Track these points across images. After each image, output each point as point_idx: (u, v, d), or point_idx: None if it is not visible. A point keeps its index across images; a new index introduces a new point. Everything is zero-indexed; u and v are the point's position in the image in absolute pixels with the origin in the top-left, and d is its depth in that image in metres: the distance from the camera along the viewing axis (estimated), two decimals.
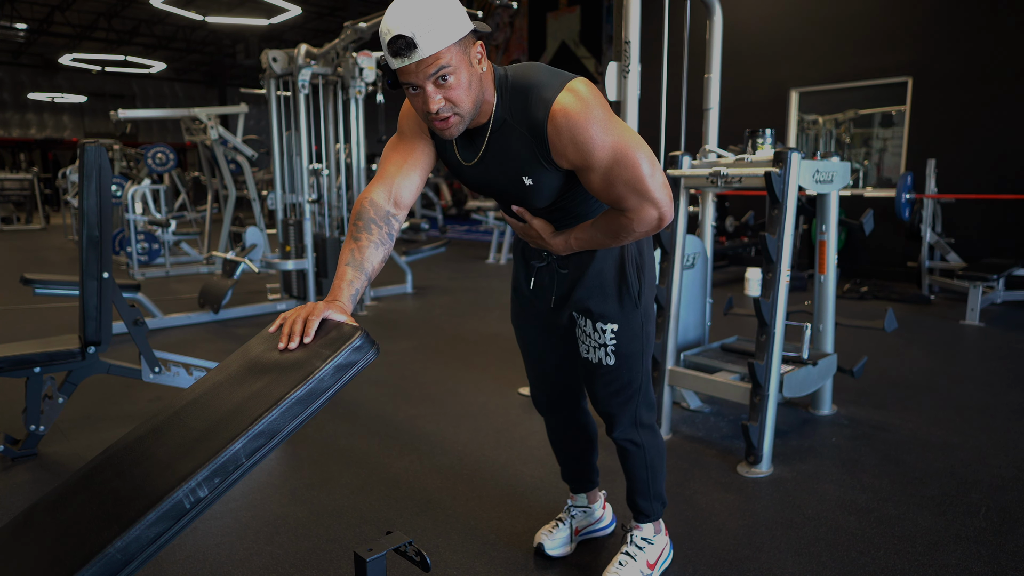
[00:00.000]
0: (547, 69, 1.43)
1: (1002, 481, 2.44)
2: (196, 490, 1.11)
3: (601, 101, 1.38)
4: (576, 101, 1.35)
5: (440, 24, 1.24)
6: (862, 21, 7.04)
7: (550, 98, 1.36)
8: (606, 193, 1.43)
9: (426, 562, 1.39)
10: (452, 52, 1.27)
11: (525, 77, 1.41)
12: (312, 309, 1.31)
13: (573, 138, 1.36)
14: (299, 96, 5.40)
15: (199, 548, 2.06)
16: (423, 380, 3.71)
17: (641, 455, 1.81)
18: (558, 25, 11.78)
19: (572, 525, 2.02)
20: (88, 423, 3.10)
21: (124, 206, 7.41)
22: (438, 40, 1.25)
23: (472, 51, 1.33)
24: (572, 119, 1.34)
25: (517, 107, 1.40)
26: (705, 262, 3.20)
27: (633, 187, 1.39)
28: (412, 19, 1.23)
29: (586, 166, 1.39)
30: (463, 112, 1.34)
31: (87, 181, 2.50)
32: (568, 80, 1.38)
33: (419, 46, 1.24)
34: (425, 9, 1.24)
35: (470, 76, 1.32)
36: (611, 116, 1.38)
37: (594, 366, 1.71)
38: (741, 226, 7.39)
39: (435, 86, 1.30)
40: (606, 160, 1.37)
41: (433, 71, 1.27)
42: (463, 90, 1.31)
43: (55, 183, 15.75)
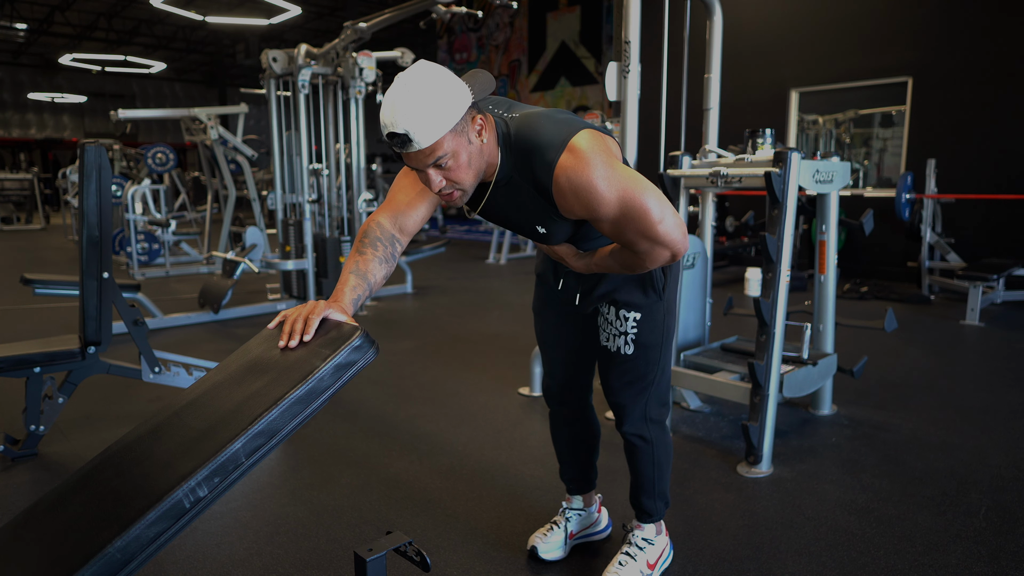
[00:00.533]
0: (549, 122, 1.43)
1: (1002, 481, 2.44)
2: (196, 490, 1.11)
3: (603, 155, 1.39)
4: (578, 161, 1.37)
5: (433, 118, 1.28)
6: (862, 21, 7.04)
7: (552, 161, 1.39)
8: (617, 238, 1.48)
9: (426, 562, 1.40)
10: (448, 140, 1.32)
11: (528, 136, 1.42)
12: (313, 308, 1.34)
13: (578, 198, 1.39)
14: (299, 96, 5.40)
15: (199, 548, 2.06)
16: (423, 380, 3.72)
17: (649, 452, 1.82)
18: (558, 25, 11.79)
19: (567, 528, 2.01)
20: (88, 423, 3.10)
21: (124, 206, 7.41)
22: (432, 133, 1.29)
23: (471, 129, 1.37)
24: (574, 181, 1.38)
25: (522, 166, 1.44)
26: (705, 262, 3.20)
27: (643, 234, 1.43)
28: (405, 117, 1.28)
29: (595, 218, 1.43)
30: (465, 187, 1.41)
31: (87, 181, 2.50)
32: (570, 136, 1.40)
33: (414, 140, 1.30)
34: (417, 106, 1.28)
35: (469, 154, 1.37)
36: (614, 168, 1.39)
37: (612, 354, 1.74)
38: (741, 226, 7.39)
39: (435, 169, 1.36)
40: (613, 213, 1.41)
41: (431, 161, 1.33)
42: (463, 170, 1.37)
43: (55, 183, 15.75)
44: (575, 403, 1.94)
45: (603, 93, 9.49)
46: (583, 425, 1.97)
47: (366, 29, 5.06)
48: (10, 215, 14.16)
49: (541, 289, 1.87)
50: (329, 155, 5.88)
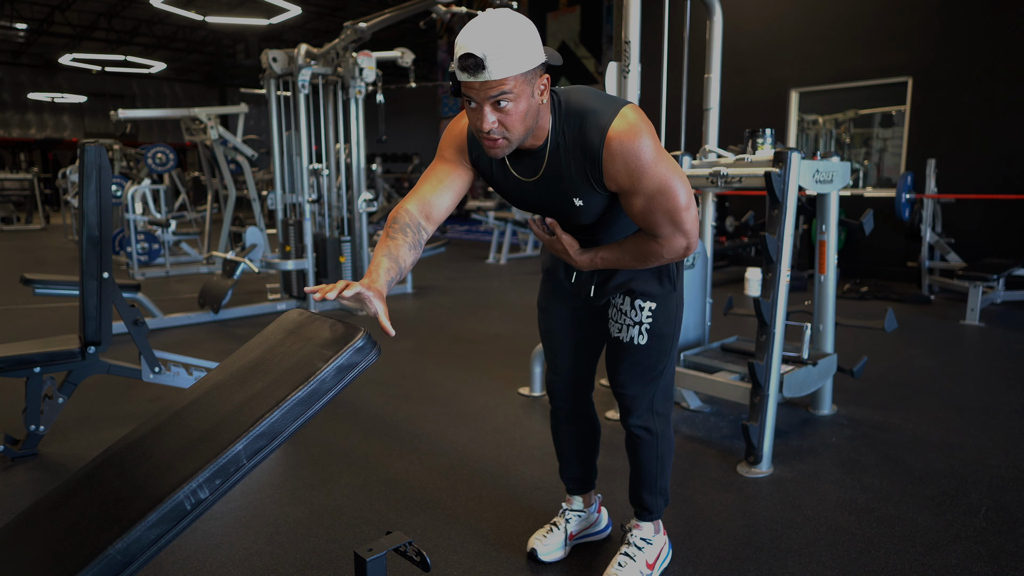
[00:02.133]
0: (597, 94, 1.48)
1: (1002, 481, 2.44)
2: (197, 491, 1.11)
3: (651, 129, 1.44)
4: (630, 128, 1.41)
5: (512, 52, 1.30)
6: (862, 21, 7.04)
7: (606, 124, 1.42)
8: (644, 218, 1.50)
9: (426, 562, 1.40)
10: (516, 81, 1.33)
11: (579, 103, 1.46)
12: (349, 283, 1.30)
13: (627, 164, 1.42)
14: (299, 96, 5.41)
15: (199, 548, 2.06)
16: (423, 380, 3.72)
17: (654, 444, 1.83)
18: (558, 25, 11.78)
19: (567, 530, 2.00)
20: (88, 423, 3.10)
21: (124, 206, 7.41)
22: (506, 67, 1.31)
23: (537, 83, 1.38)
24: (626, 145, 1.41)
25: (571, 132, 1.46)
26: (705, 262, 3.20)
27: (670, 217, 1.48)
28: (487, 41, 1.29)
29: (633, 191, 1.46)
30: (512, 137, 1.41)
31: (87, 181, 2.50)
32: (620, 107, 1.44)
33: (487, 68, 1.30)
34: (502, 35, 1.30)
35: (528, 106, 1.38)
36: (659, 145, 1.45)
37: (624, 345, 1.75)
38: (741, 226, 7.39)
39: (492, 107, 1.36)
40: (652, 188, 1.44)
41: (494, 94, 1.34)
42: (518, 118, 1.38)
43: (55, 183, 15.75)
44: (578, 399, 1.95)
45: None
46: (585, 423, 1.97)
47: (366, 29, 5.06)
48: (10, 215, 14.15)
49: (548, 284, 1.88)
50: (329, 155, 5.88)
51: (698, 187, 2.93)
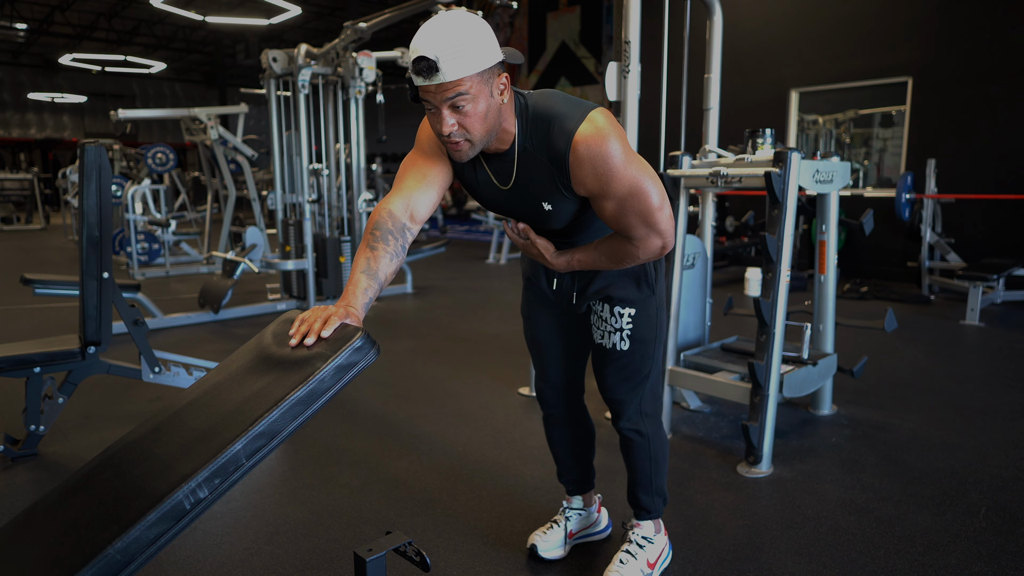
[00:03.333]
0: (565, 98, 1.46)
1: (1002, 481, 2.44)
2: (196, 491, 1.11)
3: (620, 132, 1.42)
4: (597, 132, 1.39)
5: (466, 52, 1.28)
6: (862, 21, 7.04)
7: (572, 129, 1.39)
8: (617, 221, 1.48)
9: (426, 562, 1.40)
10: (472, 81, 1.31)
11: (546, 107, 1.44)
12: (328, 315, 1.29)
13: (594, 168, 1.40)
14: (299, 96, 5.40)
15: (199, 548, 2.06)
16: (423, 380, 3.71)
17: (645, 446, 1.82)
18: (558, 25, 11.78)
19: (567, 528, 2.01)
20: (88, 423, 3.10)
21: (124, 206, 7.41)
22: (460, 68, 1.29)
23: (495, 82, 1.36)
24: (593, 150, 1.39)
25: (538, 136, 1.44)
26: (705, 262, 3.20)
27: (643, 218, 1.46)
28: (439, 43, 1.27)
29: (603, 195, 1.44)
30: (474, 139, 1.39)
31: (87, 181, 2.50)
32: (588, 110, 1.41)
33: (441, 70, 1.28)
34: (455, 35, 1.28)
35: (488, 106, 1.36)
36: (629, 147, 1.43)
37: (608, 351, 1.74)
38: (741, 226, 7.38)
39: (451, 110, 1.34)
40: (623, 191, 1.42)
41: (450, 96, 1.31)
42: (477, 119, 1.36)
43: (55, 183, 15.75)
44: (570, 404, 1.94)
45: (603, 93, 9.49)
46: (578, 426, 1.97)
47: (366, 29, 5.06)
48: (10, 215, 14.16)
49: (530, 292, 1.86)
50: (329, 155, 5.87)
51: (698, 187, 2.93)
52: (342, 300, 1.36)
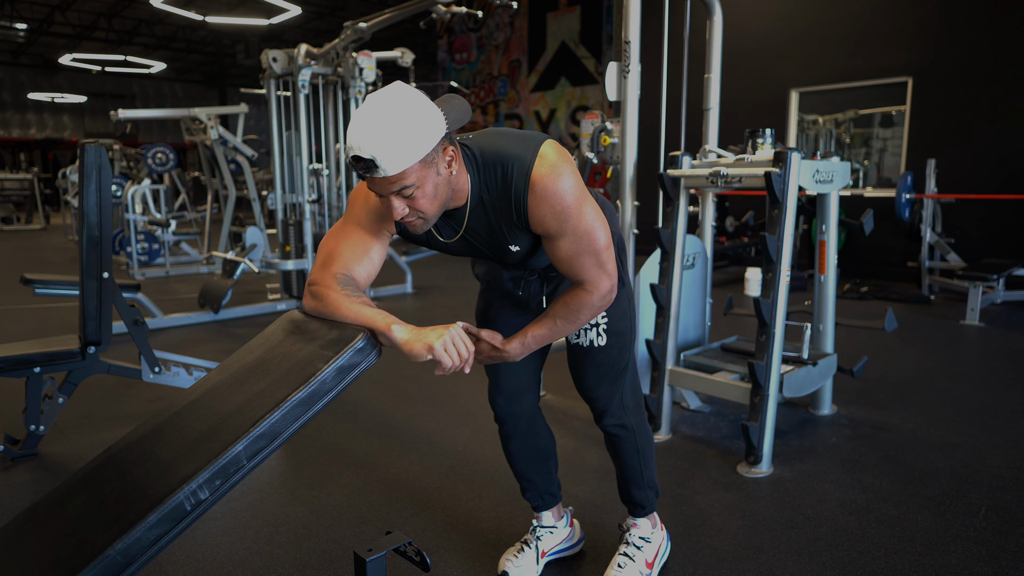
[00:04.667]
0: (510, 136, 1.43)
1: (1002, 481, 2.44)
2: (197, 492, 1.11)
3: (571, 166, 1.40)
4: (552, 170, 1.37)
5: (403, 147, 1.23)
6: (862, 21, 7.04)
7: (528, 169, 1.37)
8: (570, 262, 1.46)
9: (426, 562, 1.40)
10: (415, 170, 1.27)
11: (495, 151, 1.41)
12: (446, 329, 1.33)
13: (551, 206, 1.38)
14: (299, 96, 5.40)
15: (199, 548, 2.06)
16: (423, 380, 3.71)
17: (631, 439, 1.81)
18: (558, 25, 11.78)
19: (538, 547, 1.92)
20: (88, 423, 3.10)
21: (124, 206, 7.41)
22: (401, 161, 1.24)
23: (441, 160, 1.32)
24: (550, 189, 1.37)
25: (493, 182, 1.42)
26: (705, 262, 3.20)
27: (596, 257, 1.45)
28: (374, 142, 1.22)
29: (561, 233, 1.42)
30: (429, 216, 1.36)
31: (87, 181, 2.50)
32: (538, 146, 1.39)
33: (380, 167, 1.24)
34: (388, 131, 1.22)
35: (436, 185, 1.33)
36: (581, 182, 1.42)
37: (585, 349, 1.73)
38: (741, 226, 7.38)
39: (398, 197, 1.31)
40: (580, 228, 1.41)
41: (395, 188, 1.29)
42: (427, 200, 1.33)
43: (55, 183, 15.74)
44: (526, 413, 1.84)
45: (603, 93, 9.49)
46: (537, 436, 1.88)
47: (366, 29, 5.06)
48: (10, 215, 14.15)
49: (489, 295, 1.80)
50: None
51: (698, 187, 2.93)
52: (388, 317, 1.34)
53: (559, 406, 3.31)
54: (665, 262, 2.93)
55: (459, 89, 13.53)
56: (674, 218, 2.91)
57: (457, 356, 1.31)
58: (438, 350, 1.30)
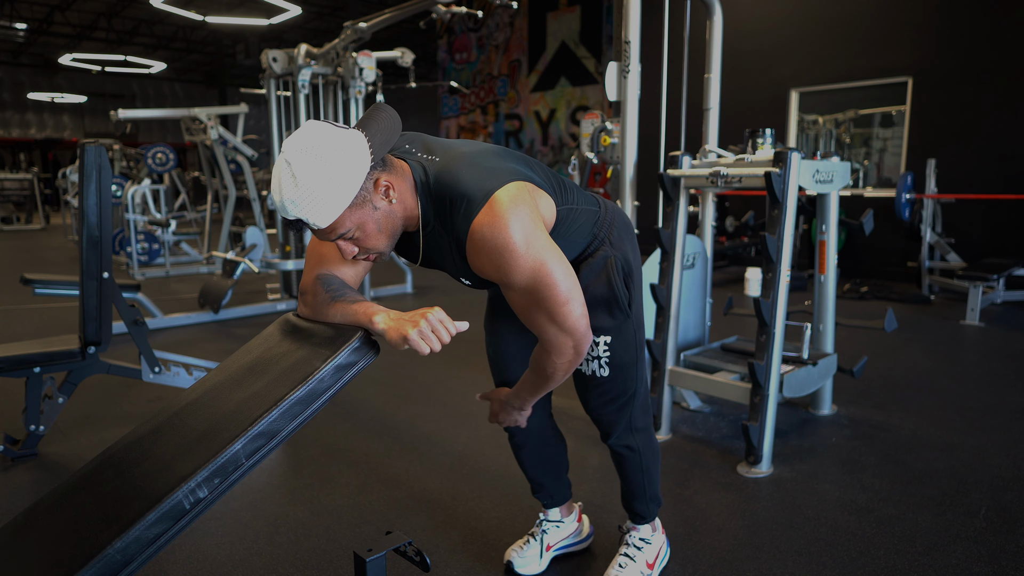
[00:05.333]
0: (473, 169, 1.32)
1: (1002, 481, 2.44)
2: (196, 491, 1.11)
3: (527, 216, 1.29)
4: (494, 220, 1.26)
5: (325, 200, 1.19)
6: (862, 21, 7.04)
7: (471, 216, 1.28)
8: (523, 317, 1.39)
9: (426, 562, 1.40)
10: (347, 216, 1.24)
11: (448, 185, 1.31)
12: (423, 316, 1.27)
13: (491, 259, 1.29)
14: (299, 96, 5.40)
15: (199, 548, 2.06)
16: (423, 380, 3.71)
17: (636, 459, 1.78)
18: (558, 25, 11.78)
19: (544, 541, 1.93)
20: (88, 423, 3.10)
21: (124, 206, 7.41)
22: (327, 215, 1.21)
23: (374, 195, 1.27)
24: (489, 241, 1.27)
25: (443, 214, 1.34)
26: (705, 262, 3.20)
27: (549, 314, 1.35)
28: (295, 204, 1.19)
29: (505, 284, 1.34)
30: (381, 250, 1.34)
31: (87, 181, 2.50)
32: (493, 189, 1.28)
33: (309, 223, 1.22)
34: (307, 190, 1.18)
35: (377, 221, 1.29)
36: (535, 232, 1.30)
37: (588, 378, 1.68)
38: (741, 226, 7.38)
39: (344, 241, 1.29)
40: (524, 282, 1.31)
41: (334, 236, 1.27)
42: (372, 237, 1.30)
43: (55, 183, 15.74)
44: (536, 426, 1.82)
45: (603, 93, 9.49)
46: (547, 446, 1.88)
47: (366, 29, 5.06)
48: (10, 215, 14.15)
49: (496, 304, 1.76)
50: None
51: (698, 187, 2.93)
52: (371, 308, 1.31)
53: (559, 405, 3.30)
54: (665, 262, 2.93)
55: (459, 89, 13.55)
56: (674, 218, 2.91)
57: (436, 342, 1.26)
58: (413, 339, 1.24)
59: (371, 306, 1.31)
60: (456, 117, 14.07)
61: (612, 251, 1.57)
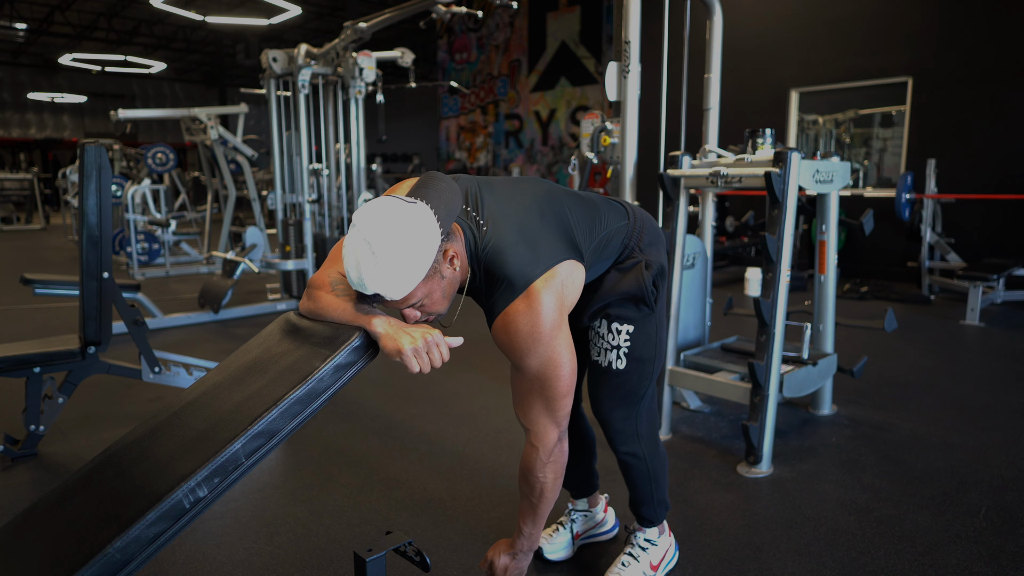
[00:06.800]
0: (517, 251, 1.40)
1: (1002, 481, 2.44)
2: (196, 490, 1.11)
3: (554, 311, 1.40)
4: (528, 311, 1.38)
5: (403, 277, 1.24)
6: (862, 21, 7.04)
7: (509, 299, 1.40)
8: (520, 397, 1.52)
9: (426, 562, 1.40)
10: (421, 287, 1.30)
11: (495, 262, 1.40)
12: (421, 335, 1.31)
13: (513, 342, 1.42)
14: (299, 96, 5.40)
15: (199, 548, 2.06)
16: (423, 380, 3.71)
17: (643, 467, 1.79)
18: (558, 25, 11.78)
19: (572, 530, 2.01)
20: (88, 423, 3.10)
21: (124, 206, 7.41)
22: (403, 290, 1.26)
23: (443, 264, 1.34)
24: (517, 327, 1.40)
25: (487, 286, 1.45)
26: (705, 262, 3.20)
27: (545, 403, 1.48)
28: (373, 280, 1.24)
29: (516, 364, 1.47)
30: (442, 311, 1.42)
31: (87, 181, 2.50)
32: (533, 278, 1.39)
33: (387, 297, 1.27)
34: (388, 268, 1.22)
35: (443, 289, 1.36)
36: (557, 328, 1.42)
37: (603, 369, 1.70)
38: (741, 226, 7.38)
39: (411, 309, 1.35)
40: (535, 368, 1.44)
41: (406, 306, 1.33)
42: (438, 303, 1.37)
43: (55, 183, 15.75)
44: None
45: (603, 93, 9.49)
46: (577, 435, 1.92)
47: (366, 29, 5.06)
48: (10, 215, 14.15)
49: None
50: (329, 155, 5.87)
51: (698, 187, 2.93)
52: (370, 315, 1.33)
53: None
54: None
55: (459, 89, 13.54)
56: (674, 218, 2.91)
57: (427, 363, 1.31)
58: (407, 355, 1.28)
59: (372, 309, 1.34)
60: (456, 117, 14.07)
61: (642, 256, 1.64)
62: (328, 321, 1.36)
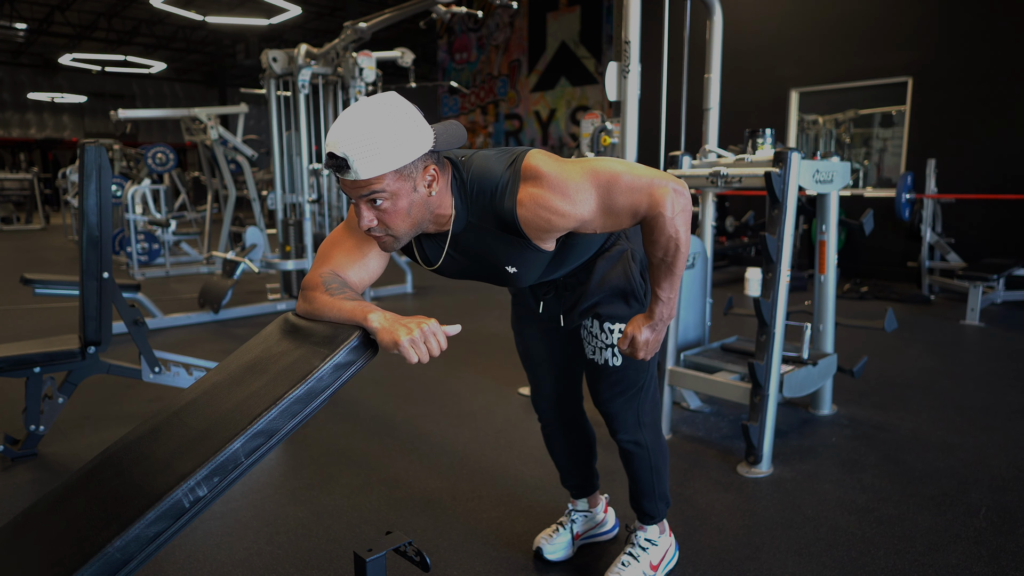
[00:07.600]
0: (496, 156, 1.38)
1: (1002, 481, 2.44)
2: (195, 489, 1.11)
3: (553, 162, 1.35)
4: (536, 177, 1.32)
5: (379, 151, 1.20)
6: (862, 21, 7.04)
7: (515, 190, 1.33)
8: (617, 219, 1.38)
9: (426, 562, 1.40)
10: (388, 179, 1.23)
11: (481, 176, 1.35)
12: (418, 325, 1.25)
13: (551, 207, 1.32)
14: (299, 96, 5.40)
15: (199, 548, 2.06)
16: (423, 380, 3.71)
17: (645, 456, 1.80)
18: (558, 25, 11.79)
19: (573, 530, 2.01)
20: (88, 423, 3.10)
21: (124, 206, 7.41)
22: (373, 167, 1.20)
23: (420, 177, 1.28)
24: (541, 195, 1.32)
25: (484, 210, 1.37)
26: (705, 262, 3.20)
27: (628, 191, 1.34)
28: (350, 140, 1.19)
29: (578, 218, 1.35)
30: (398, 234, 1.32)
31: (87, 181, 2.50)
32: (520, 162, 1.34)
33: (352, 168, 1.20)
34: (367, 133, 1.19)
35: (410, 202, 1.28)
36: (567, 166, 1.35)
37: (600, 367, 1.71)
38: (741, 226, 7.38)
39: (367, 205, 1.27)
40: (596, 200, 1.34)
41: (365, 194, 1.24)
42: (399, 216, 1.28)
43: (55, 183, 15.74)
44: (566, 416, 1.92)
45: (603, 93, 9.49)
46: (577, 434, 1.95)
47: (366, 29, 5.06)
48: (10, 215, 14.15)
49: (518, 308, 1.84)
50: None
51: (698, 187, 2.92)
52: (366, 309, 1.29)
53: None
54: None
55: (459, 89, 13.54)
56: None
57: (425, 352, 1.25)
58: (404, 346, 1.24)
59: (368, 305, 1.31)
60: (456, 117, 14.07)
61: (628, 244, 1.63)
62: (326, 321, 1.35)
